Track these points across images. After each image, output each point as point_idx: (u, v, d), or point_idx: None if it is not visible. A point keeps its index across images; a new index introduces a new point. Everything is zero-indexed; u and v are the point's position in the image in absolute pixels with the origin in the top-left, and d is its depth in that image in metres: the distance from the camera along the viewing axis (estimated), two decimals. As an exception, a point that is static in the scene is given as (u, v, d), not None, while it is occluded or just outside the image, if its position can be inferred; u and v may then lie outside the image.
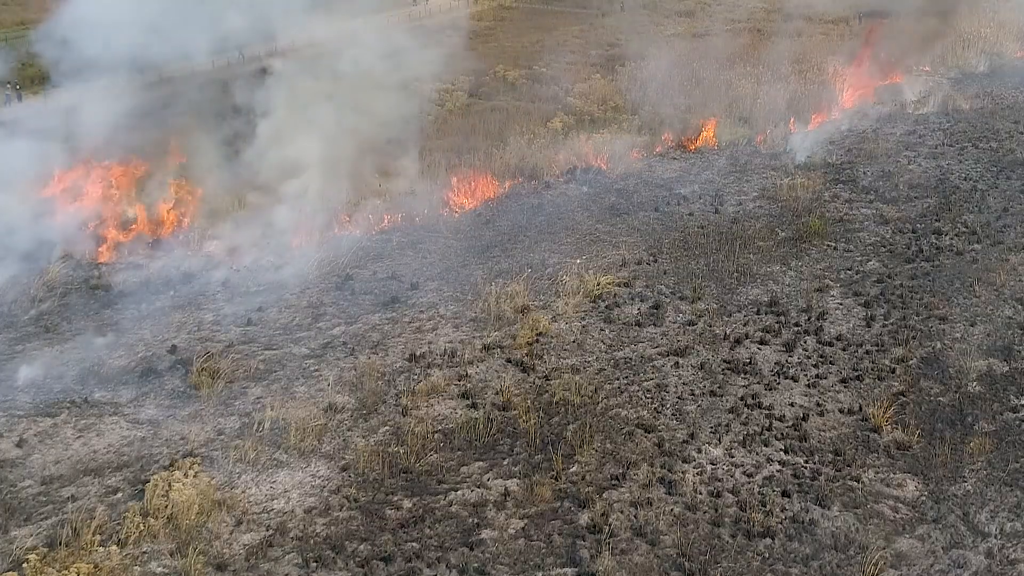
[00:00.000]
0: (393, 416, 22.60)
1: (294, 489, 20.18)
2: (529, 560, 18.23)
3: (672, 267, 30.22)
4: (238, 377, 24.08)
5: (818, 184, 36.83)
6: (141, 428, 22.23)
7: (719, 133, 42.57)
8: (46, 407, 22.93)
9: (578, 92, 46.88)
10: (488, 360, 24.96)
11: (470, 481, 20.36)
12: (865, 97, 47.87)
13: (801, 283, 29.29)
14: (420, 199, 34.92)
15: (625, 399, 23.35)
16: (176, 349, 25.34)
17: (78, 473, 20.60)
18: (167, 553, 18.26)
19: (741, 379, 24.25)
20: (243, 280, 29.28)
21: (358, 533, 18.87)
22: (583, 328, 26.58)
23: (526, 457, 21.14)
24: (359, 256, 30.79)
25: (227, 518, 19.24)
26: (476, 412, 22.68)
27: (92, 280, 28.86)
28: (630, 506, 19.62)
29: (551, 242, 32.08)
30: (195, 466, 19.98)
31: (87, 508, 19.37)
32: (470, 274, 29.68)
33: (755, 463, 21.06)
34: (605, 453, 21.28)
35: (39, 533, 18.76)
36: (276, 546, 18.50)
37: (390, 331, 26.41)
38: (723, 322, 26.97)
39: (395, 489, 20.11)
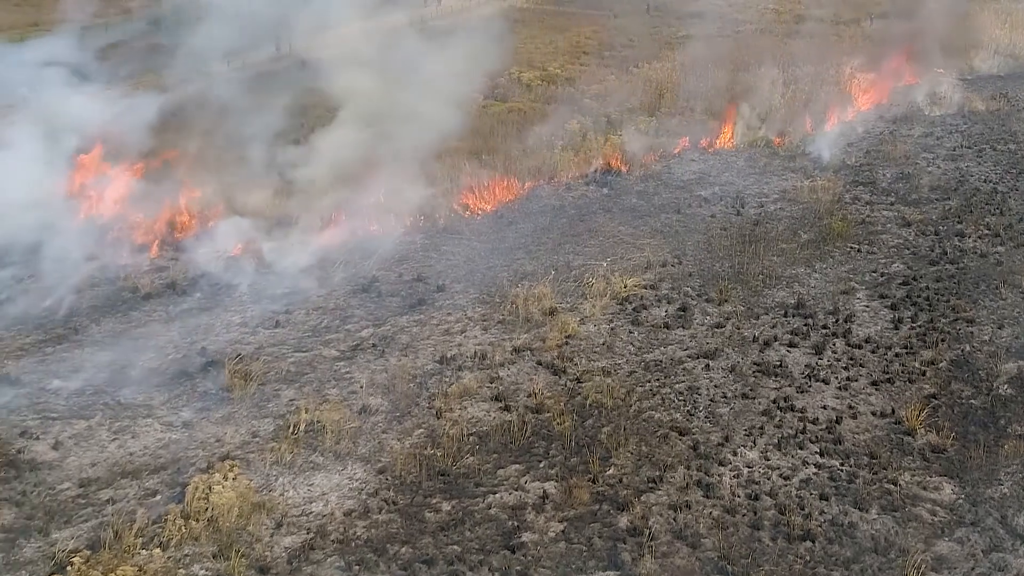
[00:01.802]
0: (427, 418, 22.62)
1: (332, 492, 20.19)
2: (571, 563, 18.25)
3: (697, 269, 30.24)
4: (270, 379, 24.10)
5: (838, 186, 36.88)
6: (175, 430, 22.25)
7: (736, 135, 42.60)
8: (79, 409, 22.94)
9: (594, 93, 46.88)
10: (519, 362, 24.98)
11: (507, 484, 20.38)
12: (880, 99, 47.94)
13: (827, 285, 29.32)
14: (440, 201, 34.92)
15: (657, 401, 23.37)
16: (206, 351, 25.35)
17: (115, 475, 20.61)
18: (209, 556, 18.27)
19: (772, 382, 24.27)
20: (268, 282, 29.29)
21: (399, 536, 18.88)
22: (611, 330, 26.60)
23: (562, 460, 21.16)
24: (383, 258, 30.80)
25: (267, 521, 19.26)
26: (509, 415, 22.71)
27: (118, 282, 28.85)
28: (669, 509, 19.64)
29: (574, 244, 32.11)
30: (234, 469, 19.97)
31: (127, 511, 19.40)
32: (495, 276, 29.71)
33: (791, 466, 21.08)
34: (641, 456, 21.30)
35: (80, 535, 18.78)
36: (317, 549, 18.52)
37: (418, 333, 26.43)
38: (751, 324, 26.99)
39: (433, 492, 20.13)
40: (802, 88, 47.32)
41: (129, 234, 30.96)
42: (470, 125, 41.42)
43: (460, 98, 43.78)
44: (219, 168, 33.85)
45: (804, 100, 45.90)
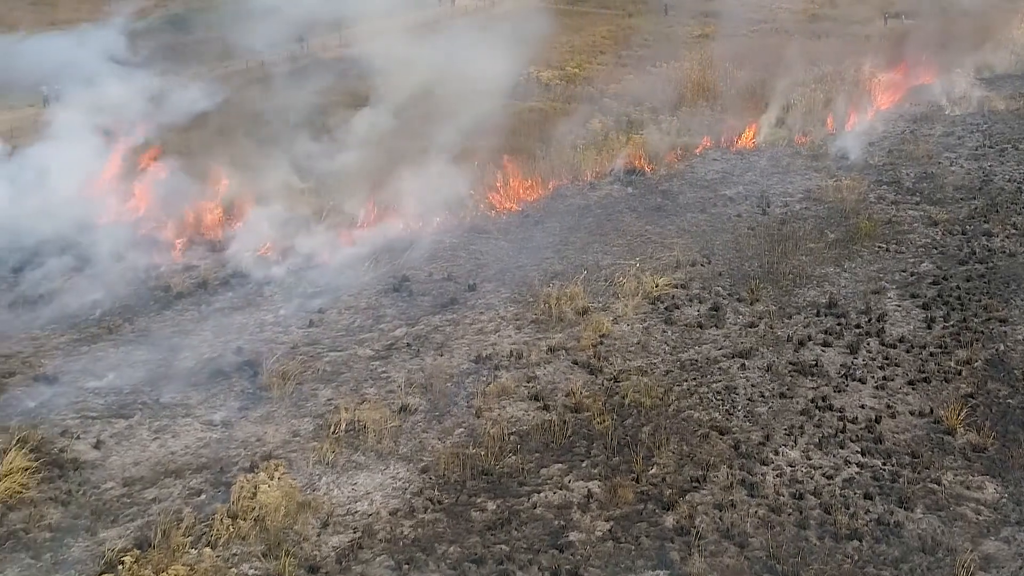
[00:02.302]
0: (467, 418, 22.61)
1: (376, 491, 20.18)
2: (620, 562, 18.23)
3: (726, 268, 30.23)
4: (307, 379, 24.10)
5: (863, 186, 36.84)
6: (215, 430, 22.25)
7: (757, 134, 42.59)
8: (118, 408, 22.95)
9: (613, 93, 46.87)
10: (554, 362, 24.97)
11: (551, 483, 20.36)
12: (898, 98, 47.92)
13: (857, 285, 29.29)
14: (466, 200, 34.91)
15: (696, 401, 23.35)
16: (242, 350, 25.35)
17: (158, 475, 20.60)
18: (258, 555, 18.26)
19: (809, 381, 24.25)
20: (299, 281, 29.32)
21: (446, 535, 18.87)
22: (645, 330, 26.59)
23: (604, 459, 21.14)
24: (411, 257, 30.79)
25: (312, 520, 19.25)
26: (549, 414, 22.70)
27: (150, 281, 28.87)
28: (714, 508, 19.62)
29: (602, 243, 32.11)
30: (279, 468, 19.96)
31: (172, 510, 19.39)
32: (525, 275, 29.71)
33: (833, 465, 21.05)
34: (682, 455, 21.28)
35: (127, 535, 18.77)
36: (366, 548, 18.50)
37: (452, 333, 26.42)
38: (784, 324, 26.97)
39: (477, 491, 20.12)
40: (821, 87, 47.24)
41: (160, 232, 30.98)
42: (492, 124, 41.35)
43: (481, 97, 43.86)
44: (250, 165, 33.82)
45: (824, 99, 45.84)
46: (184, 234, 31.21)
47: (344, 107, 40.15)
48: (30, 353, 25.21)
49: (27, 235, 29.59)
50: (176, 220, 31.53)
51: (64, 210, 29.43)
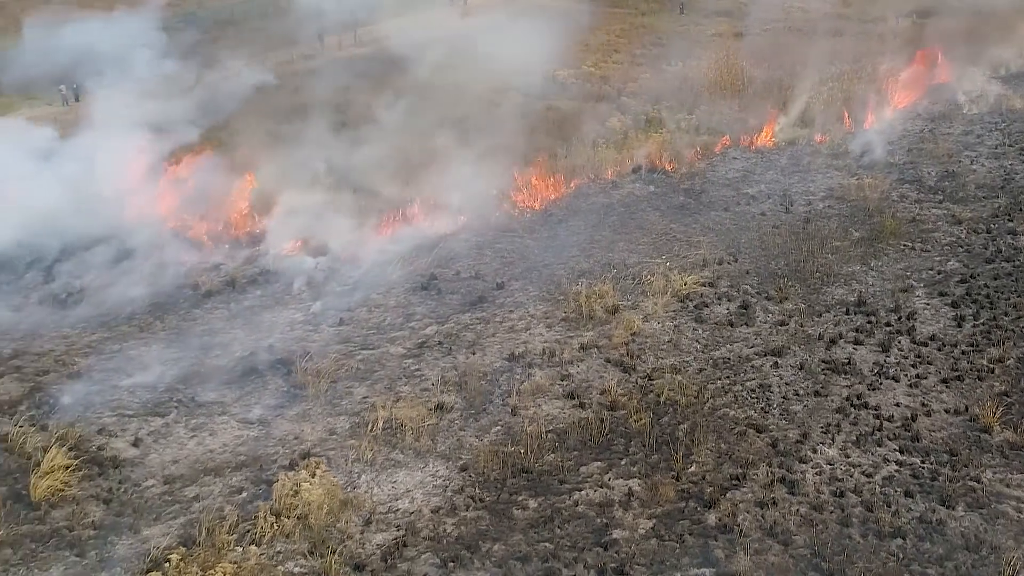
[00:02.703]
0: (503, 416, 22.61)
1: (416, 489, 20.18)
2: (665, 560, 18.23)
3: (753, 267, 30.20)
4: (341, 376, 24.08)
5: (885, 184, 36.78)
6: (252, 428, 22.25)
7: (775, 133, 42.55)
8: (154, 406, 22.95)
9: (630, 91, 46.85)
10: (587, 360, 24.97)
11: (591, 481, 20.36)
12: (915, 97, 47.85)
13: (884, 283, 29.27)
14: (490, 198, 34.90)
15: (731, 399, 23.35)
16: (274, 348, 25.34)
17: (198, 472, 20.61)
18: (302, 553, 18.25)
19: (842, 379, 24.24)
20: (326, 280, 29.31)
21: (489, 533, 18.87)
22: (676, 328, 26.58)
23: (642, 457, 21.14)
24: (438, 256, 30.78)
25: (355, 518, 19.24)
26: (585, 412, 22.70)
27: (179, 279, 28.85)
28: (755, 506, 19.61)
29: (627, 242, 32.09)
30: (320, 466, 19.95)
31: (214, 507, 19.39)
32: (552, 273, 29.70)
33: (872, 463, 21.05)
34: (720, 453, 21.28)
35: (170, 532, 18.78)
36: (410, 546, 18.49)
37: (483, 331, 26.42)
38: (813, 322, 26.96)
39: (518, 489, 20.12)
40: (839, 86, 47.20)
41: (190, 231, 30.98)
42: (511, 122, 41.37)
43: (499, 95, 43.96)
44: (278, 164, 33.82)
45: (842, 98, 45.79)
46: (213, 232, 31.16)
47: (364, 106, 40.04)
48: (62, 351, 25.21)
49: (59, 232, 29.58)
50: (205, 218, 31.48)
51: (95, 207, 29.43)
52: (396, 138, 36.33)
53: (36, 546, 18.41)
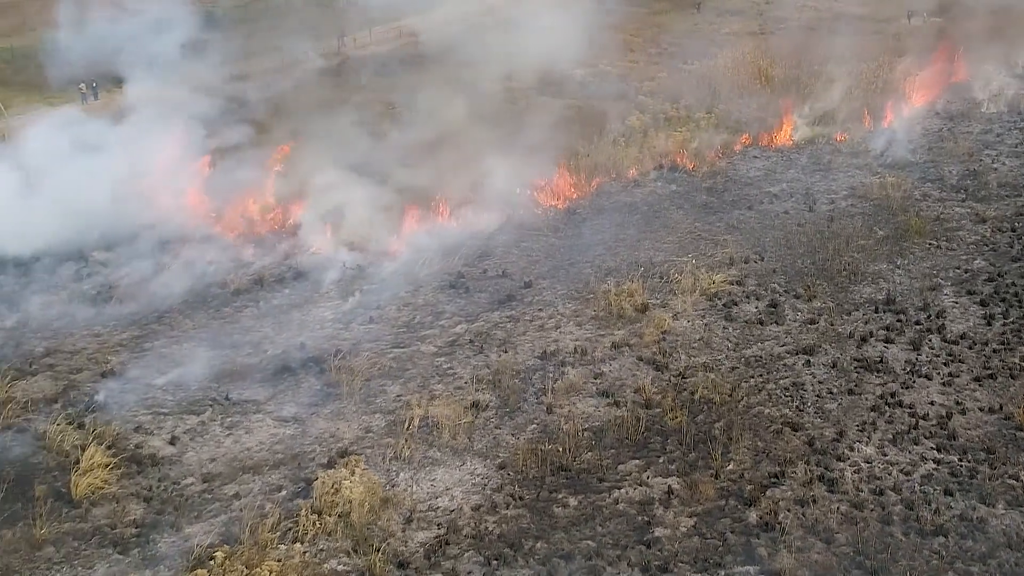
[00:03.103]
0: (538, 414, 22.60)
1: (455, 487, 20.17)
2: (708, 558, 18.21)
3: (779, 265, 30.17)
4: (374, 375, 24.07)
5: (907, 183, 36.72)
6: (288, 426, 22.25)
7: (794, 131, 42.51)
8: (189, 405, 22.95)
9: (648, 90, 46.81)
10: (619, 358, 24.96)
11: (630, 479, 20.35)
12: (932, 95, 47.77)
13: (912, 281, 29.23)
14: (513, 197, 34.88)
15: (765, 397, 23.33)
16: (305, 347, 25.33)
17: (236, 470, 20.61)
18: (345, 551, 18.24)
19: (875, 377, 24.21)
20: (355, 278, 29.30)
21: (531, 531, 18.86)
22: (706, 326, 26.57)
23: (680, 455, 21.12)
24: (465, 254, 30.76)
25: (395, 516, 19.23)
26: (620, 410, 22.68)
27: (207, 277, 28.85)
28: (796, 504, 19.58)
29: (652, 240, 32.07)
30: (360, 464, 19.95)
31: (254, 505, 19.38)
32: (579, 272, 29.70)
33: (910, 461, 21.01)
34: (757, 451, 21.26)
35: (212, 530, 18.78)
36: (453, 544, 18.47)
37: (513, 329, 26.41)
38: (843, 320, 26.93)
39: (557, 487, 20.11)
40: (857, 84, 47.13)
41: (215, 229, 30.99)
42: (530, 121, 41.35)
43: (518, 95, 43.96)
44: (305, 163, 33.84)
45: (860, 96, 45.72)
46: (242, 231, 31.15)
47: (385, 104, 40.01)
48: (94, 349, 25.23)
49: (94, 227, 29.59)
50: (234, 217, 31.50)
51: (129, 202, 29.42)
52: (415, 138, 36.26)
53: (79, 544, 18.42)
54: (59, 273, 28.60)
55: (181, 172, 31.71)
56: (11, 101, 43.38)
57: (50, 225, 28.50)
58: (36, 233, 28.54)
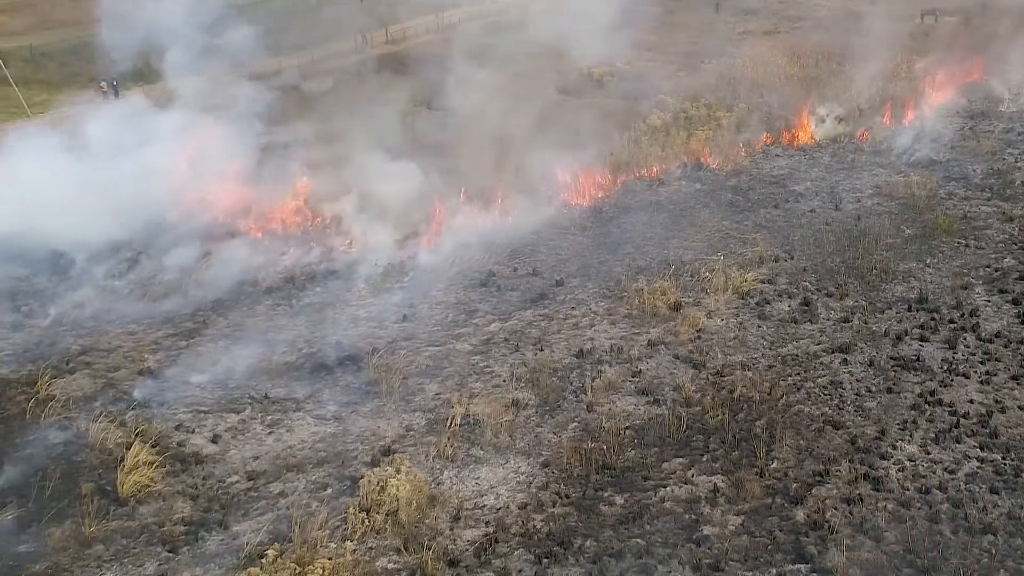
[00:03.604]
0: (579, 412, 22.58)
1: (500, 485, 20.14)
2: (759, 556, 18.17)
3: (810, 264, 30.15)
4: (411, 373, 24.04)
5: (931, 182, 36.71)
6: (328, 424, 22.22)
7: (816, 130, 42.52)
8: (228, 403, 22.93)
9: (667, 89, 46.80)
10: (655, 356, 24.93)
11: (675, 477, 20.31)
12: (951, 94, 47.80)
13: (942, 280, 29.21)
14: (538, 196, 34.88)
15: (804, 396, 23.30)
16: (341, 345, 25.30)
17: (280, 469, 20.58)
18: (394, 549, 18.22)
19: (913, 376, 24.18)
20: (384, 276, 29.30)
21: (579, 529, 18.82)
22: (740, 325, 26.54)
23: (723, 453, 21.09)
24: (493, 253, 30.75)
25: (442, 514, 19.20)
26: (660, 408, 22.66)
27: (239, 275, 28.84)
28: (842, 502, 19.55)
29: (680, 239, 32.05)
30: (405, 462, 19.92)
31: (300, 504, 19.36)
32: (609, 270, 29.68)
33: (953, 460, 20.98)
34: (800, 449, 21.22)
35: (260, 528, 18.74)
36: (502, 542, 18.44)
37: (547, 328, 26.38)
38: (877, 319, 26.90)
39: (602, 485, 20.07)
40: (876, 83, 47.15)
41: (248, 225, 30.98)
42: (552, 119, 41.37)
43: (539, 94, 43.92)
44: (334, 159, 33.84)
45: (880, 95, 45.77)
46: (274, 228, 31.14)
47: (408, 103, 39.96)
48: (130, 348, 25.21)
49: (129, 224, 29.61)
50: (266, 214, 31.49)
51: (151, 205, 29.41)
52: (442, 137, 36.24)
53: (127, 542, 18.39)
54: (93, 270, 28.56)
55: (220, 167, 31.61)
56: (32, 99, 43.34)
57: (85, 220, 28.44)
58: (71, 229, 28.50)
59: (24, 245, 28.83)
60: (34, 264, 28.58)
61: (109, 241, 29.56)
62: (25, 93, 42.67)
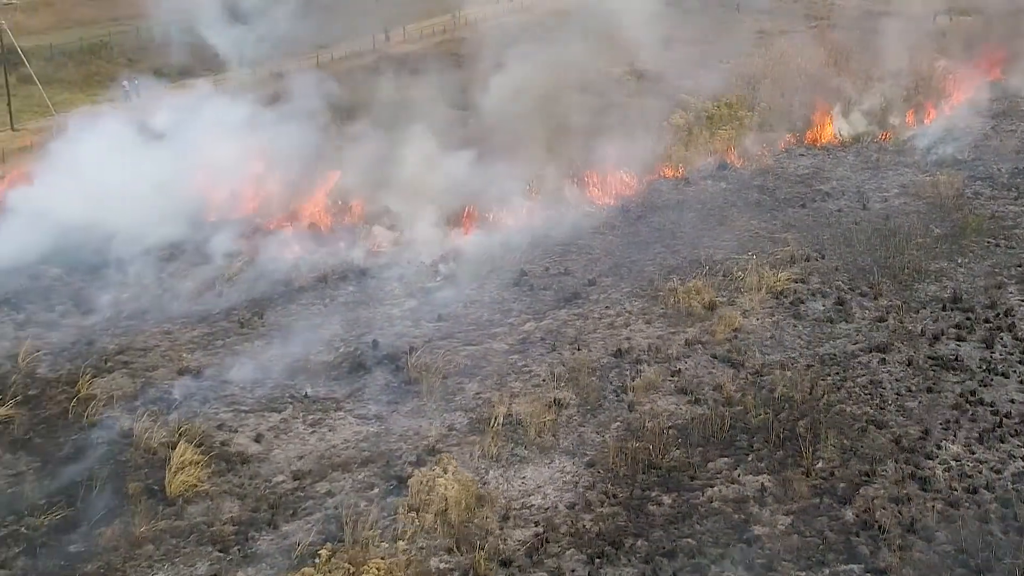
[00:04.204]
0: (620, 412, 22.53)
1: (546, 485, 20.09)
2: (811, 556, 18.11)
3: (841, 263, 30.12)
4: (450, 372, 23.99)
5: (957, 181, 36.66)
6: (370, 423, 22.16)
7: (838, 129, 42.50)
8: (268, 402, 22.88)
9: (688, 89, 46.75)
10: (693, 356, 24.89)
11: (721, 477, 20.26)
12: (973, 93, 47.76)
13: (975, 279, 29.19)
14: (564, 196, 34.85)
15: (844, 395, 23.24)
16: (377, 344, 25.25)
17: (325, 468, 20.52)
18: (445, 549, 18.16)
19: (952, 375, 24.13)
20: (417, 275, 29.25)
21: (629, 529, 18.77)
22: (775, 324, 26.51)
23: (768, 453, 21.03)
24: (525, 252, 30.71)
25: (491, 514, 19.14)
26: (702, 408, 22.61)
27: (272, 275, 28.79)
28: (891, 502, 19.49)
29: (710, 238, 32.02)
30: (452, 462, 19.87)
31: (348, 504, 19.30)
32: (641, 269, 29.66)
33: (999, 459, 20.93)
34: (844, 449, 21.16)
35: (309, 528, 18.67)
36: (552, 542, 18.39)
37: (583, 327, 26.34)
38: (912, 318, 26.86)
39: (649, 485, 20.02)
40: (896, 82, 47.11)
41: (277, 227, 30.94)
42: (574, 119, 41.34)
43: (560, 94, 43.84)
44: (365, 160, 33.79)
45: (900, 95, 45.73)
46: (303, 229, 31.10)
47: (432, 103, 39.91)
48: (167, 347, 25.15)
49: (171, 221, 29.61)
50: (296, 215, 31.46)
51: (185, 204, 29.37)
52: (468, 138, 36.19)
53: (177, 541, 18.33)
54: (127, 269, 28.48)
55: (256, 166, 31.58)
56: (53, 98, 43.29)
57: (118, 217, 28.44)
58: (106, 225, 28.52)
59: (64, 244, 28.73)
60: (68, 263, 28.48)
61: (144, 238, 29.42)
62: (46, 92, 42.57)
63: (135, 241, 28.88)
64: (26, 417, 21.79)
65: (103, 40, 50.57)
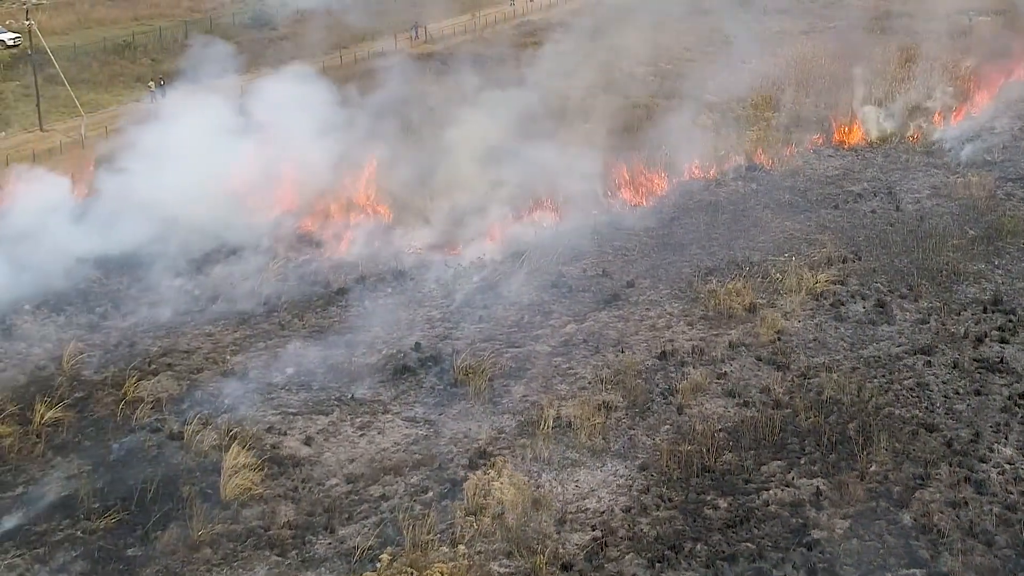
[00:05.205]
0: (670, 414, 22.45)
1: (600, 488, 20.02)
2: (872, 560, 18.04)
3: (878, 265, 29.97)
4: (495, 374, 23.91)
5: (989, 182, 36.48)
6: (419, 426, 22.10)
7: (866, 130, 42.32)
8: (315, 405, 22.81)
9: (712, 89, 46.61)
10: (738, 358, 24.79)
11: (776, 480, 20.18)
12: (995, 94, 47.52)
13: (1014, 281, 29.06)
14: (595, 197, 34.74)
15: (892, 398, 23.15)
16: (420, 347, 25.17)
17: (377, 472, 20.46)
18: (504, 553, 18.09)
19: (999, 378, 24.03)
20: (455, 277, 29.16)
21: (687, 533, 18.69)
22: (817, 326, 26.40)
23: (820, 456, 20.94)
24: (561, 253, 30.58)
25: (547, 517, 19.07)
26: (750, 411, 22.51)
27: (308, 277, 28.71)
28: (948, 506, 19.40)
29: (745, 239, 31.89)
30: (507, 465, 19.80)
31: (403, 507, 19.23)
32: (679, 271, 29.55)
33: (1053, 463, 20.83)
34: (897, 452, 21.07)
35: (366, 532, 18.61)
36: (611, 546, 18.31)
37: (625, 329, 26.26)
38: (954, 320, 26.74)
39: (704, 488, 19.94)
40: (921, 83, 46.92)
41: (313, 228, 30.86)
42: (603, 120, 41.24)
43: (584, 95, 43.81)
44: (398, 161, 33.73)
45: (926, 95, 45.53)
46: (340, 229, 31.02)
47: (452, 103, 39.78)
48: (209, 349, 25.09)
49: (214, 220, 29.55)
50: (332, 216, 31.39)
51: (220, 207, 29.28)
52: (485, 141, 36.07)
53: (235, 545, 18.29)
54: (166, 271, 28.35)
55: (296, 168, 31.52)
56: (79, 99, 43.19)
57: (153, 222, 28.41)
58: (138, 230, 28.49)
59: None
60: (106, 264, 28.39)
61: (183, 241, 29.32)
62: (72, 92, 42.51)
63: (177, 242, 28.76)
64: (75, 420, 21.74)
65: (126, 40, 50.47)
